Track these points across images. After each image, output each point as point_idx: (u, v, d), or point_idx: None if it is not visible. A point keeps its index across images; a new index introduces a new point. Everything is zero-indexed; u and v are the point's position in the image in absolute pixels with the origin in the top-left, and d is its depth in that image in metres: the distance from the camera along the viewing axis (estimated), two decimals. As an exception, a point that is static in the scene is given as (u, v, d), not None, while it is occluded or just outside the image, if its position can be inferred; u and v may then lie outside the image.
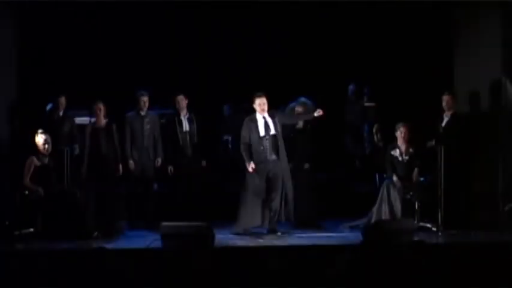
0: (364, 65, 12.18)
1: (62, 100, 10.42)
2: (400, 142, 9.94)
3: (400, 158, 9.94)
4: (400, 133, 9.91)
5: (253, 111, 9.59)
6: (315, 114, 9.64)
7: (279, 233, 9.46)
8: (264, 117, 9.53)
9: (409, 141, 9.91)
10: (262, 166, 9.49)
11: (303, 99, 10.45)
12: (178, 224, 8.71)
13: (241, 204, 9.55)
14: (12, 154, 10.21)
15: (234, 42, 12.31)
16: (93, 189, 9.56)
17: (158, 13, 11.85)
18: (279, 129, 9.57)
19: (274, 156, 9.52)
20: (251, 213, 9.49)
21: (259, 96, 9.51)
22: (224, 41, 12.29)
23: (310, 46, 12.49)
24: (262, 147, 9.49)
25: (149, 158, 10.15)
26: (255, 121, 9.55)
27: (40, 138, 9.40)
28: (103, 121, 9.76)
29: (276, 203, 9.46)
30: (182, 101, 10.12)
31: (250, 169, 9.44)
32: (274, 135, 9.52)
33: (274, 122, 9.54)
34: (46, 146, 9.40)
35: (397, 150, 9.95)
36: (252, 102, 9.56)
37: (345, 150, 12.06)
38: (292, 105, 10.50)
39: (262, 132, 9.51)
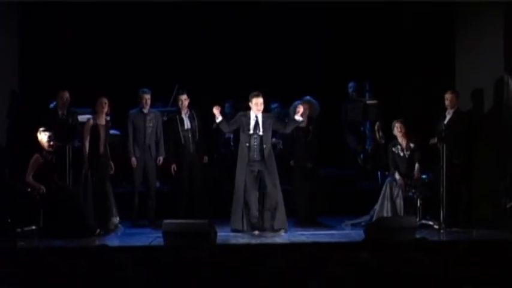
0: (365, 63, 12.16)
1: (66, 95, 10.01)
2: (400, 138, 9.97)
3: (401, 154, 9.96)
4: (397, 129, 9.95)
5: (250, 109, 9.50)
6: (296, 117, 9.47)
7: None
8: (256, 116, 9.45)
9: (408, 136, 9.93)
10: (247, 164, 9.39)
11: (307, 97, 10.42)
12: (180, 221, 8.74)
13: (235, 201, 9.49)
14: (14, 151, 10.20)
15: (235, 40, 12.29)
16: (94, 186, 9.55)
17: (160, 12, 11.85)
18: (269, 133, 9.48)
19: (259, 157, 9.42)
20: (244, 213, 9.43)
21: (257, 96, 9.39)
22: (225, 39, 12.28)
23: (312, 44, 12.47)
24: (248, 145, 9.39)
25: (151, 156, 10.14)
26: (248, 118, 9.45)
27: (44, 136, 9.38)
28: (104, 118, 9.73)
29: (268, 201, 9.38)
30: (184, 100, 10.11)
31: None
32: (261, 136, 9.43)
33: (265, 124, 9.41)
34: (51, 143, 9.39)
35: (399, 147, 9.99)
36: (249, 100, 9.47)
37: (347, 148, 12.05)
38: (296, 103, 10.49)
39: (251, 130, 9.42)
